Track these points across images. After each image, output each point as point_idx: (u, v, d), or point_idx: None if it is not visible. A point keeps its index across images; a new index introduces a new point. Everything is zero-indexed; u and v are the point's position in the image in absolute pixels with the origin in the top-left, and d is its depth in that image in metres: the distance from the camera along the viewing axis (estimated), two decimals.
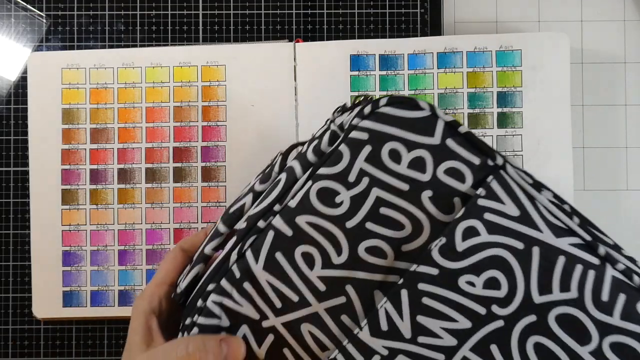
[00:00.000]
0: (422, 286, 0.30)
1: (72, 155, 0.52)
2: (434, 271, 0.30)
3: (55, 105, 0.52)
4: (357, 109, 0.32)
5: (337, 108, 0.36)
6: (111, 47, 0.54)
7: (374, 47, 0.51)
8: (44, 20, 0.54)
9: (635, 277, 0.31)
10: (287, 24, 0.54)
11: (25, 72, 0.53)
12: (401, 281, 0.31)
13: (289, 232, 0.32)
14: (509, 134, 0.51)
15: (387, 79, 0.51)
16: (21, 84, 0.54)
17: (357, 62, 0.51)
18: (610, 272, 0.31)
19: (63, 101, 0.52)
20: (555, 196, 0.32)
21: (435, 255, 0.30)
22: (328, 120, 0.35)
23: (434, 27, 0.54)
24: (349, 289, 0.31)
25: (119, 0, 0.54)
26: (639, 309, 0.30)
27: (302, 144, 0.36)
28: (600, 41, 0.54)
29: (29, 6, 0.54)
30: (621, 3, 0.54)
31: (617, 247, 0.32)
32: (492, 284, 0.30)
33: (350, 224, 0.31)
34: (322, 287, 0.31)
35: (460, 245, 0.30)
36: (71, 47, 0.54)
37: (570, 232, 0.31)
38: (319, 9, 0.54)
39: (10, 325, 0.53)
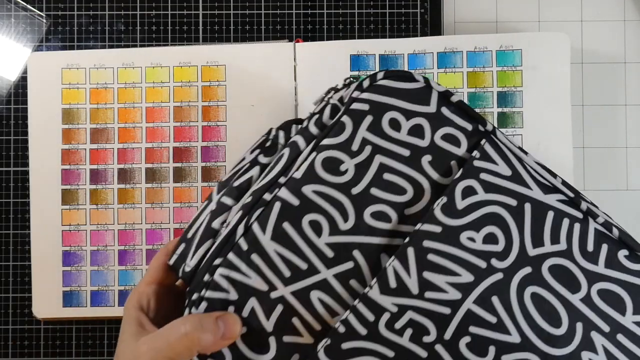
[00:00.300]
0: (427, 243, 0.32)
1: (72, 155, 0.52)
2: (438, 229, 0.32)
3: (55, 105, 0.52)
4: (355, 84, 0.34)
5: (329, 90, 0.37)
6: (111, 47, 0.54)
7: (374, 47, 0.51)
8: (44, 20, 0.54)
9: (614, 230, 0.33)
10: (287, 24, 0.54)
11: (25, 72, 0.53)
12: (407, 240, 0.32)
13: (295, 201, 0.32)
14: (509, 134, 0.51)
15: None
16: (21, 84, 0.53)
17: (357, 62, 0.51)
18: (592, 225, 0.33)
19: (63, 101, 0.52)
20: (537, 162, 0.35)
21: (438, 213, 0.32)
22: (324, 97, 0.37)
23: (434, 27, 0.54)
24: (357, 254, 0.32)
25: (119, 0, 0.54)
26: (620, 258, 0.33)
27: (299, 121, 0.37)
28: (600, 41, 0.54)
29: (29, 6, 0.54)
30: (621, 3, 0.54)
31: (594, 205, 0.35)
32: (490, 238, 0.32)
33: (355, 190, 0.32)
34: (330, 253, 0.32)
35: (460, 204, 0.32)
36: (71, 47, 0.54)
37: (556, 190, 0.34)
38: (319, 9, 0.54)
39: (10, 325, 0.53)
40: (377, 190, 0.33)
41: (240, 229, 0.32)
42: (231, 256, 0.32)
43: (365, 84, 0.34)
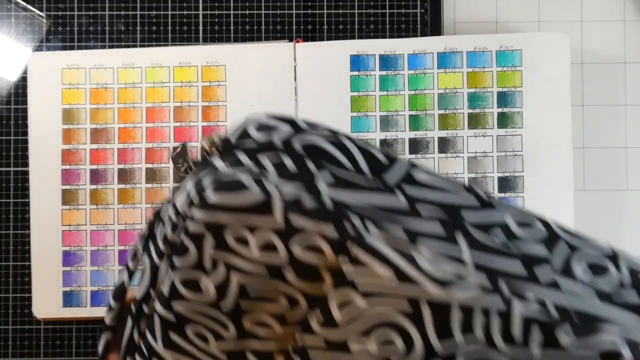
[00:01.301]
0: (314, 354, 0.29)
1: (72, 155, 0.52)
2: (322, 344, 0.29)
3: (55, 105, 0.52)
4: (185, 195, 0.29)
5: (176, 150, 0.33)
6: (111, 47, 0.54)
7: (374, 47, 0.51)
8: (44, 20, 0.54)
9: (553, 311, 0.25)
10: (287, 24, 0.54)
11: (25, 72, 0.53)
12: (295, 357, 0.30)
13: (171, 317, 0.31)
14: (509, 134, 0.51)
15: (387, 79, 0.51)
16: (21, 84, 0.53)
17: (357, 62, 0.51)
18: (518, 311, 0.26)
19: (63, 101, 0.52)
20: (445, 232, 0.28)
21: (317, 328, 0.29)
22: (170, 191, 0.33)
23: (434, 27, 0.54)
24: (250, 356, 0.31)
25: (119, 0, 0.54)
26: (561, 339, 0.25)
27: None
28: (600, 41, 0.54)
29: (29, 6, 0.54)
30: (621, 3, 0.54)
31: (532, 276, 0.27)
32: (386, 342, 0.28)
33: (224, 306, 0.30)
34: (224, 357, 0.31)
35: (339, 316, 0.28)
36: (71, 47, 0.54)
37: (460, 278, 0.27)
38: (319, 9, 0.54)
39: (10, 325, 0.53)
40: (246, 303, 0.29)
41: (136, 334, 0.32)
42: (138, 359, 0.33)
43: (195, 200, 0.28)
